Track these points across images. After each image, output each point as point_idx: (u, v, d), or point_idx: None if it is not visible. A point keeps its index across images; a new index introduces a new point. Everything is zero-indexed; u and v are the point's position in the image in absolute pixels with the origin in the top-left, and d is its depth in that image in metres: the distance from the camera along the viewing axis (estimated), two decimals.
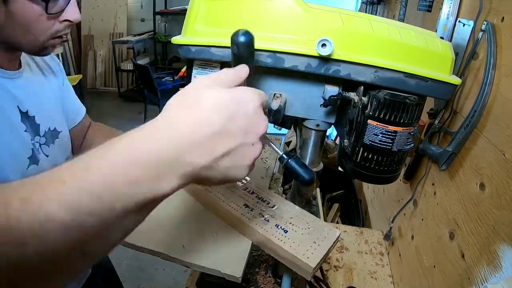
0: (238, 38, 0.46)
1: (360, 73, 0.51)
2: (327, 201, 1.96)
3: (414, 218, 1.02)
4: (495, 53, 0.68)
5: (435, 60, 0.51)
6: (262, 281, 0.99)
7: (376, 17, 0.52)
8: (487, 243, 0.63)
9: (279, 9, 0.52)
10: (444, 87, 0.52)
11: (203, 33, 0.56)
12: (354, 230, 1.34)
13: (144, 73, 3.88)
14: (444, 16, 0.91)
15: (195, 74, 0.62)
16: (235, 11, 0.54)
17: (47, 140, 0.66)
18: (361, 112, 0.54)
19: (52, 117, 0.70)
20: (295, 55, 0.52)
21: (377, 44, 0.51)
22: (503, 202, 0.61)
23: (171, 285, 2.16)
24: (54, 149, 0.68)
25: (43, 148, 0.65)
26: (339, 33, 0.51)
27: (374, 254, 1.21)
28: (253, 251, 1.10)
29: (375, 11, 2.21)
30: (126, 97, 5.19)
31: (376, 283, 1.10)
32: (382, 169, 0.56)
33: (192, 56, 0.57)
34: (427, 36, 0.52)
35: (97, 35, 5.39)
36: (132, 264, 2.27)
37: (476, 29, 0.76)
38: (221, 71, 0.40)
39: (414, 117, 0.53)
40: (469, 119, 0.72)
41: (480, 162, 0.70)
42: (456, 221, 0.76)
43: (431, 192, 0.92)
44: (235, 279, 0.62)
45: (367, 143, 0.55)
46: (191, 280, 1.04)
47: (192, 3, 0.56)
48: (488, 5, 0.74)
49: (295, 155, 0.57)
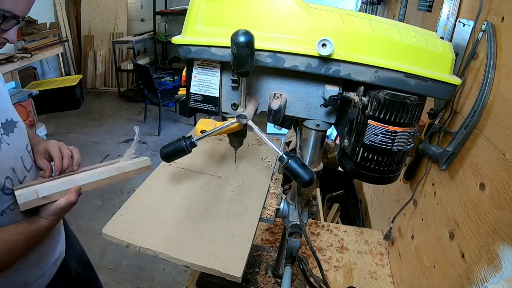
0: (238, 38, 0.46)
1: (360, 73, 0.51)
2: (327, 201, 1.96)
3: (414, 218, 1.02)
4: (495, 53, 0.68)
5: (435, 60, 0.51)
6: (262, 281, 0.99)
7: (376, 17, 0.52)
8: (487, 243, 0.63)
9: (280, 9, 0.52)
10: (444, 87, 0.52)
11: (203, 33, 0.56)
12: (354, 230, 1.34)
13: (144, 73, 3.88)
14: (444, 16, 0.91)
15: (195, 74, 0.62)
16: (235, 11, 0.54)
17: (5, 130, 0.74)
18: (361, 112, 0.54)
19: (6, 109, 0.78)
20: (295, 55, 0.52)
21: (377, 44, 0.51)
22: (503, 202, 0.61)
23: (171, 285, 2.16)
24: (13, 137, 0.76)
25: (4, 137, 0.73)
26: (339, 33, 0.51)
27: (374, 254, 1.21)
28: (253, 251, 1.10)
29: (375, 11, 2.21)
30: (126, 97, 5.19)
31: (376, 283, 1.10)
32: (382, 169, 0.56)
33: (192, 56, 0.58)
34: (427, 36, 0.52)
35: (97, 35, 5.39)
36: (132, 264, 2.27)
37: (476, 29, 0.76)
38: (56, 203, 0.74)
39: (414, 117, 0.53)
40: (469, 119, 0.72)
41: (480, 162, 0.70)
42: (456, 221, 0.76)
43: (431, 192, 0.92)
44: (235, 279, 0.62)
45: (367, 143, 0.55)
46: (191, 280, 1.04)
47: (192, 3, 0.56)
48: (488, 5, 0.74)
49: (295, 155, 0.57)
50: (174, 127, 4.35)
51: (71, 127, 4.16)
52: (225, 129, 0.63)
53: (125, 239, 0.67)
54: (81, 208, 2.72)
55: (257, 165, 0.98)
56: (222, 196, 0.83)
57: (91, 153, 3.58)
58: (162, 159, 0.69)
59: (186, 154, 0.67)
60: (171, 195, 0.82)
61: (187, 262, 0.64)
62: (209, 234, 0.71)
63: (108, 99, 5.18)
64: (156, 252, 0.66)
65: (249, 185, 0.88)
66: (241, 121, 0.59)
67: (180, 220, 0.74)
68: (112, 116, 4.56)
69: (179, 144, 0.65)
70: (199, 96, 0.64)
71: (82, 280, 1.04)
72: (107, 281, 2.12)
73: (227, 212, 0.78)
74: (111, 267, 2.24)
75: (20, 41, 4.04)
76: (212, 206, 0.79)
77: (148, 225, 0.72)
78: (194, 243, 0.68)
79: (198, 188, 0.85)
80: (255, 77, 0.60)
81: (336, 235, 1.31)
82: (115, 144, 3.85)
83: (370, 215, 1.65)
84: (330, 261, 1.17)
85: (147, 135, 4.08)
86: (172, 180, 0.87)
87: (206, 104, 0.64)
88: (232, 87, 0.61)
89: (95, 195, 2.88)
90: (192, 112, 0.66)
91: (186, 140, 0.65)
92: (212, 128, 0.64)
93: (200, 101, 0.64)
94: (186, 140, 0.65)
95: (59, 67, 5.06)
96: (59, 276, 0.90)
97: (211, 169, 0.94)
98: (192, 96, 0.64)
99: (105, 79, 5.54)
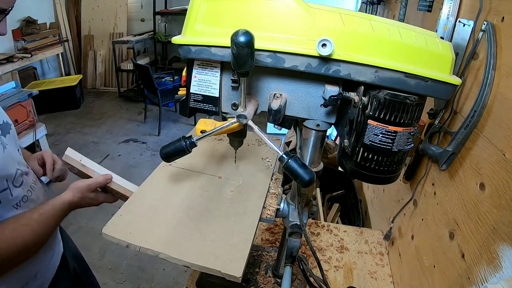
0: (238, 38, 0.46)
1: (360, 73, 0.51)
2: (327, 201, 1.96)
3: (414, 218, 1.02)
4: (495, 53, 0.68)
5: (435, 60, 0.51)
6: (262, 281, 0.99)
7: (376, 17, 0.52)
8: (487, 243, 0.63)
9: (280, 9, 0.52)
10: (444, 87, 0.52)
11: (203, 33, 0.56)
12: (354, 230, 1.34)
13: (144, 73, 3.88)
14: (444, 16, 0.91)
15: (195, 74, 0.62)
16: (235, 11, 0.54)
17: (3, 131, 0.77)
18: (361, 112, 0.54)
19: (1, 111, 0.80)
20: (295, 55, 0.52)
21: (377, 44, 0.51)
22: (503, 202, 0.61)
23: (171, 285, 2.16)
24: (9, 139, 0.78)
25: (1, 138, 0.75)
26: (339, 33, 0.51)
27: (374, 254, 1.21)
28: (253, 251, 1.10)
29: (375, 11, 2.21)
30: (126, 97, 5.19)
31: (376, 283, 1.10)
32: (382, 169, 0.56)
33: (192, 56, 0.58)
34: (427, 36, 0.52)
35: (97, 35, 5.39)
36: (132, 264, 2.27)
37: (476, 29, 0.76)
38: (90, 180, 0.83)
39: (414, 117, 0.53)
40: (469, 119, 0.72)
41: (480, 162, 0.70)
42: (456, 221, 0.76)
43: (431, 192, 0.92)
44: (235, 279, 0.62)
45: (367, 143, 0.55)
46: (191, 280, 1.04)
47: (192, 3, 0.56)
48: (488, 5, 0.74)
49: (295, 155, 0.57)
50: (174, 127, 4.35)
51: (71, 127, 4.16)
52: (225, 129, 0.63)
53: (125, 239, 0.67)
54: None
55: (257, 165, 0.98)
56: (222, 196, 0.83)
57: (91, 153, 3.58)
58: (162, 159, 0.69)
59: (186, 154, 0.67)
60: (171, 195, 0.82)
61: (187, 262, 0.64)
62: (209, 234, 0.71)
63: (108, 99, 5.18)
64: (156, 252, 0.66)
65: (249, 185, 0.88)
66: (241, 121, 0.59)
67: (180, 220, 0.74)
68: (112, 116, 4.56)
69: (179, 144, 0.65)
70: (199, 96, 0.64)
71: (80, 276, 1.06)
72: (107, 281, 2.12)
73: (227, 212, 0.78)
74: (111, 267, 2.24)
75: (20, 41, 4.04)
76: (212, 206, 0.79)
77: (148, 225, 0.72)
78: (194, 243, 0.68)
79: (198, 188, 0.85)
80: (255, 77, 0.60)
81: (336, 235, 1.31)
82: (115, 144, 3.85)
83: (370, 215, 1.65)
84: (330, 261, 1.17)
85: (147, 135, 4.08)
86: (172, 180, 0.87)
87: (206, 104, 0.64)
88: (232, 87, 0.61)
89: None
90: (192, 112, 0.66)
91: (186, 140, 0.65)
92: (212, 128, 0.64)
93: (200, 101, 0.64)
94: (186, 140, 0.65)
95: (59, 67, 5.05)
96: (60, 271, 0.93)
97: (211, 169, 0.94)
98: (192, 96, 0.64)
99: (105, 79, 5.54)
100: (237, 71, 0.51)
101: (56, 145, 3.68)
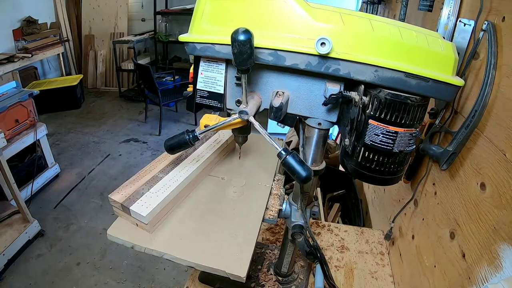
0: (238, 36, 0.46)
1: (360, 72, 0.51)
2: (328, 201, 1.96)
3: (415, 218, 1.02)
4: (496, 53, 0.68)
5: (437, 60, 0.51)
6: (263, 278, 1.00)
7: (376, 16, 0.52)
8: (488, 243, 0.63)
9: (281, 9, 0.52)
10: (446, 88, 0.51)
11: (208, 31, 0.56)
12: (354, 230, 1.34)
13: (145, 73, 3.88)
14: (445, 16, 0.91)
15: (201, 71, 0.63)
16: (239, 10, 0.54)
17: None
18: (362, 112, 0.54)
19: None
20: (296, 53, 0.52)
21: (377, 43, 0.51)
22: (504, 202, 0.61)
23: (172, 285, 2.16)
24: None
25: None
26: (339, 32, 0.51)
27: (375, 254, 1.21)
28: (256, 248, 1.10)
29: (375, 10, 2.21)
30: (127, 97, 5.19)
31: (377, 282, 1.10)
32: (383, 170, 0.56)
33: (197, 53, 0.59)
34: (429, 36, 0.51)
35: (97, 35, 5.39)
36: (132, 263, 2.27)
37: (477, 29, 0.76)
38: None
39: (416, 118, 0.52)
40: (470, 119, 0.72)
41: (480, 162, 0.70)
42: (457, 221, 0.76)
43: (432, 192, 0.92)
44: (239, 278, 0.62)
45: (367, 143, 0.55)
46: (191, 279, 1.04)
47: (198, 3, 0.58)
48: (489, 4, 0.74)
49: (294, 152, 0.57)
50: (175, 126, 4.35)
51: (72, 127, 4.16)
52: (228, 124, 0.64)
53: (130, 240, 0.68)
54: (81, 208, 2.74)
55: (260, 167, 0.98)
56: (226, 197, 0.83)
57: (91, 153, 3.58)
58: (166, 151, 0.71)
59: (189, 147, 0.69)
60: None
61: (192, 263, 0.65)
62: (213, 235, 0.71)
63: (109, 99, 5.18)
64: (161, 253, 0.66)
65: (251, 186, 0.88)
66: (243, 117, 0.60)
67: (184, 221, 0.74)
68: (113, 116, 4.56)
69: (183, 137, 0.67)
70: (205, 92, 0.65)
71: None
72: (107, 281, 2.12)
73: (231, 212, 0.78)
74: (112, 267, 2.24)
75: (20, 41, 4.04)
76: (216, 207, 0.79)
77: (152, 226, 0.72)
78: (199, 244, 0.69)
79: (201, 189, 0.85)
80: (258, 75, 0.61)
81: (336, 235, 1.31)
82: (116, 143, 3.85)
83: (370, 215, 1.65)
84: (331, 261, 1.17)
85: (148, 135, 4.08)
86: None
87: (212, 100, 0.65)
88: (236, 84, 0.63)
89: (96, 195, 2.88)
90: (198, 108, 0.68)
91: (189, 134, 0.67)
92: (216, 123, 0.65)
93: (206, 97, 0.66)
94: (189, 134, 0.67)
95: (59, 67, 5.06)
96: None
97: (214, 170, 0.94)
98: (199, 92, 0.66)
99: (105, 79, 5.54)
100: (238, 67, 0.51)
101: (56, 145, 3.69)
